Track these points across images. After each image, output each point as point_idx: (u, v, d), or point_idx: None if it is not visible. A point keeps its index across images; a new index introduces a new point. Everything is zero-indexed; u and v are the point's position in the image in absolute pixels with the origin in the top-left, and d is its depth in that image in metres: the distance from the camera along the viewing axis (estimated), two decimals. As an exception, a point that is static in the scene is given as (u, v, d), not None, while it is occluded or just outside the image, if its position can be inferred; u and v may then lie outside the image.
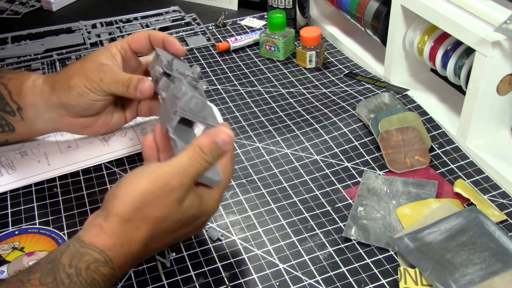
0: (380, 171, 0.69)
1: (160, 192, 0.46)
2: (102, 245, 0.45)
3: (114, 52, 0.66)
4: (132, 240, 0.46)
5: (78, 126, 0.67)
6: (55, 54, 0.98)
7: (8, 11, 1.18)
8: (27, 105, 0.65)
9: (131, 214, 0.46)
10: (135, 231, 0.46)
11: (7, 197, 0.67)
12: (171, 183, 0.46)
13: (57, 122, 0.66)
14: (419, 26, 0.78)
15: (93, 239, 0.45)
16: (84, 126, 0.67)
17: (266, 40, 0.94)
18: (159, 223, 0.47)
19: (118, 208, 0.46)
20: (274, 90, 0.87)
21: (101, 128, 0.69)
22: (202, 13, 1.13)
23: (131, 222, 0.46)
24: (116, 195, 0.47)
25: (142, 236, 0.47)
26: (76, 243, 0.45)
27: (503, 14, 0.64)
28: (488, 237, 0.57)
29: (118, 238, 0.46)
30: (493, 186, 0.66)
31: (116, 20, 1.10)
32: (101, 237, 0.45)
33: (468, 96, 0.69)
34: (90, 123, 0.67)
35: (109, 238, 0.45)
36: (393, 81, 0.86)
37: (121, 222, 0.46)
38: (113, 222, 0.46)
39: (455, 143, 0.73)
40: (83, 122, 0.66)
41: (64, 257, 0.44)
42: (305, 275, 0.56)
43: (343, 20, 1.03)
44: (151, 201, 0.46)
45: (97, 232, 0.46)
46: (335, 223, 0.62)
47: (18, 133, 0.67)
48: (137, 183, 0.47)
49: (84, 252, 0.45)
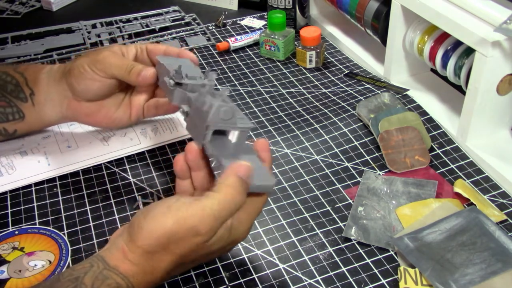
0: (380, 171, 0.69)
1: (185, 234, 0.45)
2: (125, 271, 0.45)
3: (130, 48, 0.67)
4: (156, 269, 0.46)
5: (81, 113, 0.67)
6: (55, 54, 0.98)
7: (8, 11, 1.18)
8: (40, 90, 0.66)
9: (154, 248, 0.45)
10: (159, 262, 0.46)
11: (7, 197, 0.67)
12: (198, 228, 0.45)
13: (63, 106, 0.67)
14: (419, 26, 0.78)
15: (117, 262, 0.45)
16: (87, 113, 0.67)
17: (266, 40, 0.94)
18: (185, 258, 0.47)
19: (142, 241, 0.45)
20: (274, 90, 0.87)
21: (103, 119, 0.68)
22: (202, 13, 1.13)
23: (155, 256, 0.45)
24: (141, 226, 0.45)
25: (165, 266, 0.46)
26: (100, 264, 0.45)
27: (503, 14, 0.64)
28: (488, 237, 0.57)
29: (141, 268, 0.45)
30: (493, 186, 0.66)
31: (116, 20, 1.10)
32: (125, 263, 0.45)
33: (468, 96, 0.69)
34: (91, 111, 0.67)
35: (132, 266, 0.45)
36: (393, 81, 0.86)
37: (144, 255, 0.45)
38: (136, 253, 0.45)
39: (455, 143, 0.73)
40: (86, 108, 0.66)
41: (87, 277, 0.44)
42: (305, 275, 0.56)
43: (343, 20, 1.03)
44: (176, 241, 0.45)
45: (121, 257, 0.45)
46: (335, 223, 0.62)
47: (27, 121, 0.67)
48: (163, 220, 0.45)
49: (107, 275, 0.44)
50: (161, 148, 0.74)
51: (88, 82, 0.64)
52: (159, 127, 0.76)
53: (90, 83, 0.64)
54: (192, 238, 0.45)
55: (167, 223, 0.45)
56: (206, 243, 0.46)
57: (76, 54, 0.98)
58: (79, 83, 0.64)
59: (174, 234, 0.45)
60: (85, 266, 0.45)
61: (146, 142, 0.74)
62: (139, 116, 0.70)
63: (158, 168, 0.71)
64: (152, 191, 0.67)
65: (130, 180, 0.69)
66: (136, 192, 0.67)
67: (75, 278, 0.44)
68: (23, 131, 0.70)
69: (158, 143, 0.74)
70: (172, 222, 0.45)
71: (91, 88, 0.64)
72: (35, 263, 0.58)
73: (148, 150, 0.74)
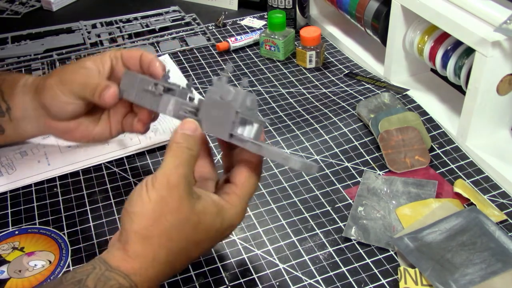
0: (380, 171, 0.69)
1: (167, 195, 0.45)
2: (127, 270, 0.45)
3: (104, 59, 0.63)
4: (155, 260, 0.46)
5: (57, 130, 0.65)
6: (55, 54, 0.98)
7: (8, 11, 1.18)
8: (16, 105, 0.64)
9: (150, 230, 0.45)
10: (158, 250, 0.46)
11: (7, 197, 0.67)
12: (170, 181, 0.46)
13: (40, 124, 0.65)
14: (419, 26, 0.78)
15: (119, 263, 0.45)
16: (64, 131, 0.65)
17: (266, 40, 0.94)
18: (180, 233, 0.46)
19: (136, 226, 0.45)
20: (274, 90, 0.87)
21: (82, 137, 0.66)
22: (202, 13, 1.13)
23: (152, 240, 0.45)
24: (130, 212, 0.46)
25: (166, 254, 0.46)
26: (102, 266, 0.45)
27: (503, 14, 0.64)
28: (488, 237, 0.57)
29: (142, 260, 0.45)
30: (493, 186, 0.66)
31: (116, 20, 1.10)
32: (126, 261, 0.45)
33: (468, 96, 0.69)
34: (69, 129, 0.65)
35: (133, 261, 0.45)
36: (393, 81, 0.86)
37: (142, 240, 0.45)
38: (134, 243, 0.45)
39: (455, 143, 0.73)
40: (62, 127, 0.64)
41: (89, 279, 0.44)
42: (305, 275, 0.56)
43: (343, 20, 1.03)
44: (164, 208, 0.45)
45: (122, 256, 0.45)
46: (335, 223, 0.62)
47: (7, 134, 0.66)
48: (146, 196, 0.46)
49: (109, 276, 0.44)
50: (161, 148, 0.74)
51: (60, 104, 0.61)
52: (159, 127, 0.76)
53: (62, 105, 0.62)
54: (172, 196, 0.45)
55: (151, 196, 0.45)
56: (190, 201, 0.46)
57: (76, 55, 0.98)
58: (50, 105, 0.62)
59: (159, 201, 0.45)
60: (88, 269, 0.45)
61: (146, 142, 0.74)
62: (119, 132, 0.67)
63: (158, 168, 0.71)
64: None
65: (130, 180, 0.69)
66: (136, 192, 0.67)
67: (78, 280, 0.44)
68: (3, 143, 0.69)
69: (158, 143, 0.74)
70: (154, 194, 0.45)
71: (65, 110, 0.62)
72: (35, 263, 0.58)
73: (148, 150, 0.74)
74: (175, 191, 0.46)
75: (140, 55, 0.63)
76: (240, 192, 0.50)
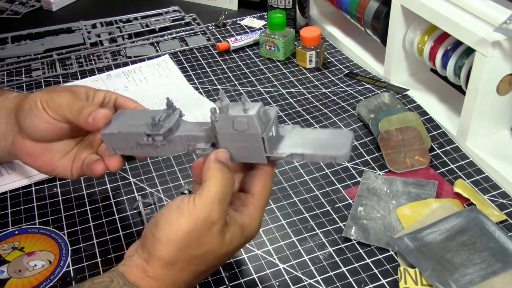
0: (380, 171, 0.69)
1: (202, 228, 0.45)
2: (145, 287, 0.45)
3: (99, 92, 0.60)
4: (176, 281, 0.46)
5: (23, 151, 0.60)
6: (55, 54, 0.98)
7: (8, 11, 1.18)
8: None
9: (175, 257, 0.45)
10: (180, 273, 0.45)
11: (7, 197, 0.67)
12: (211, 216, 0.45)
13: (8, 140, 0.60)
14: (419, 26, 0.78)
15: (137, 279, 0.45)
16: (29, 154, 0.60)
17: (266, 40, 0.94)
18: (204, 261, 0.46)
19: (162, 252, 0.44)
20: (274, 90, 0.87)
21: (44, 164, 0.60)
22: (202, 13, 1.13)
23: (176, 265, 0.45)
24: (157, 237, 0.45)
25: (186, 277, 0.46)
26: (120, 280, 0.45)
27: (503, 14, 0.64)
28: (488, 237, 0.57)
29: (162, 282, 0.45)
30: (493, 186, 0.66)
31: (116, 20, 1.10)
32: (145, 280, 0.45)
33: (468, 96, 0.69)
34: (35, 152, 0.60)
35: (151, 280, 0.45)
36: (393, 81, 0.86)
37: (165, 266, 0.45)
38: (157, 266, 0.45)
39: (455, 143, 0.73)
40: (29, 148, 0.59)
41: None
42: (305, 275, 0.56)
43: (343, 20, 1.03)
44: (195, 240, 0.45)
45: (141, 274, 0.45)
46: (335, 223, 0.62)
47: None
48: (177, 223, 0.44)
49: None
50: (161, 148, 0.74)
51: (35, 120, 0.56)
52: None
53: (38, 122, 0.56)
54: (208, 231, 0.45)
55: (183, 225, 0.44)
56: (223, 237, 0.46)
57: (76, 55, 0.98)
58: (25, 119, 0.57)
59: (191, 232, 0.44)
60: (105, 281, 0.44)
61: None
62: (79, 173, 0.61)
63: (158, 168, 0.71)
64: (152, 191, 0.67)
65: (130, 180, 0.69)
66: (136, 192, 0.67)
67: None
68: None
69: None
70: (187, 222, 0.44)
71: (38, 128, 0.57)
72: (35, 263, 0.58)
73: (148, 150, 0.73)
74: (213, 228, 0.45)
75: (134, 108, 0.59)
76: (258, 202, 0.49)
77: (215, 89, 0.87)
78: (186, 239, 0.44)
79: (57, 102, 0.55)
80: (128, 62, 0.96)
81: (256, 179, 0.49)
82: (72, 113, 0.55)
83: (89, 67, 0.94)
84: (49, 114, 0.56)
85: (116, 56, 0.98)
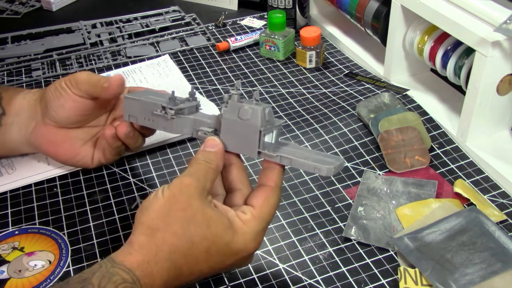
0: (380, 171, 0.69)
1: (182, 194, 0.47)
2: (130, 264, 0.45)
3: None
4: (158, 255, 0.46)
5: (46, 139, 0.65)
6: (55, 54, 0.98)
7: (8, 11, 1.18)
8: (11, 111, 0.65)
9: (156, 222, 0.46)
10: (162, 244, 0.46)
11: (7, 197, 0.67)
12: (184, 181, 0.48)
13: (28, 129, 0.65)
14: (419, 26, 0.78)
15: (123, 257, 0.46)
16: (52, 141, 0.65)
17: (266, 40, 0.94)
18: (184, 229, 0.46)
19: (144, 217, 0.47)
20: (274, 90, 0.87)
21: (66, 151, 0.66)
22: (202, 13, 1.13)
23: (157, 232, 0.46)
24: (142, 206, 0.48)
25: (168, 251, 0.46)
26: (108, 263, 0.46)
27: (503, 14, 0.64)
28: (488, 237, 0.57)
29: (145, 253, 0.46)
30: (493, 186, 0.66)
31: (116, 20, 1.10)
32: (131, 254, 0.46)
33: (468, 96, 0.69)
34: (57, 139, 0.65)
35: (137, 254, 0.46)
36: (393, 81, 0.86)
37: (147, 231, 0.46)
38: (140, 234, 0.46)
39: (455, 143, 0.73)
40: (52, 135, 0.65)
41: (95, 277, 0.44)
42: (305, 275, 0.56)
43: (343, 20, 1.03)
44: (175, 202, 0.47)
45: (128, 249, 0.46)
46: (335, 223, 0.62)
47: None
48: (160, 193, 0.48)
49: (113, 272, 0.45)
50: (161, 148, 0.74)
51: (61, 100, 0.62)
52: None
53: (63, 100, 0.62)
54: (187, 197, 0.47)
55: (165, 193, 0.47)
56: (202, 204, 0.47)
57: (76, 55, 0.98)
58: (51, 99, 0.63)
59: (171, 198, 0.47)
60: (94, 268, 0.45)
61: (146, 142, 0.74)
62: (100, 161, 0.68)
63: (158, 168, 0.71)
64: (152, 191, 0.67)
65: (130, 180, 0.69)
66: (136, 192, 0.67)
67: (83, 279, 0.44)
68: None
69: (159, 142, 0.74)
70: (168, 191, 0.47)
71: (64, 106, 0.63)
72: (35, 263, 0.58)
73: (148, 150, 0.74)
74: (186, 190, 0.47)
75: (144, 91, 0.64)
76: (257, 214, 0.49)
77: (215, 89, 0.87)
78: (166, 204, 0.47)
79: (78, 79, 0.62)
80: (128, 62, 0.96)
81: (259, 192, 0.51)
82: (91, 85, 0.62)
83: (89, 67, 0.94)
84: (73, 92, 0.62)
85: (116, 56, 0.98)
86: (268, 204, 0.50)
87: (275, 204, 0.51)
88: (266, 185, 0.51)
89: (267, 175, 0.51)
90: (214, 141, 0.52)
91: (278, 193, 0.51)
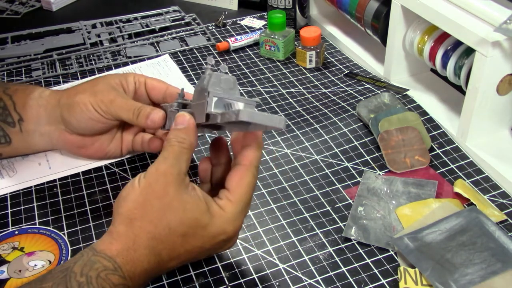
0: (380, 171, 0.69)
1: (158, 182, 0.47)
2: (111, 252, 0.46)
3: (129, 80, 0.65)
4: (136, 242, 0.46)
5: (73, 145, 0.67)
6: (55, 54, 0.98)
7: (8, 11, 1.18)
8: (29, 117, 0.65)
9: (134, 212, 0.47)
10: (139, 232, 0.47)
11: (7, 197, 0.67)
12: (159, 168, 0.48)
13: (53, 136, 0.66)
14: (419, 26, 0.78)
15: (104, 246, 0.46)
16: (79, 146, 0.67)
17: (266, 40, 0.94)
18: (161, 217, 0.47)
19: (122, 208, 0.48)
20: (274, 90, 0.87)
21: (96, 152, 0.68)
22: (202, 13, 1.13)
23: (135, 222, 0.47)
24: (119, 197, 0.49)
25: (146, 238, 0.47)
26: (89, 252, 0.46)
27: (503, 14, 0.64)
28: (488, 237, 0.57)
29: (124, 241, 0.46)
30: (493, 186, 0.66)
31: (116, 20, 1.10)
32: (111, 243, 0.46)
33: (468, 96, 0.69)
34: (85, 144, 0.66)
35: (116, 242, 0.46)
36: (393, 81, 0.86)
37: (125, 221, 0.47)
38: (118, 224, 0.47)
39: (455, 143, 0.73)
40: (79, 141, 0.66)
41: (76, 266, 0.45)
42: (305, 275, 0.56)
43: (343, 20, 1.03)
44: (151, 192, 0.47)
45: (108, 239, 0.47)
46: (335, 223, 0.62)
47: (13, 146, 0.67)
48: (137, 183, 0.48)
49: (95, 260, 0.45)
50: (161, 148, 0.74)
51: (90, 122, 0.63)
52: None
53: (94, 123, 0.63)
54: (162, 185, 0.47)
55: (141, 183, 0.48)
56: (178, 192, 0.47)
57: (76, 55, 0.98)
58: (80, 121, 0.63)
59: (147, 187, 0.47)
60: (76, 257, 0.46)
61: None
62: (129, 150, 0.70)
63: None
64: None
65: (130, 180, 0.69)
66: (136, 192, 0.67)
67: (66, 268, 0.45)
68: (8, 155, 0.70)
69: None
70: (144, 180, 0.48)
71: (94, 128, 0.64)
72: (35, 263, 0.58)
73: (148, 150, 0.74)
74: (162, 178, 0.47)
75: (165, 89, 0.65)
76: (233, 197, 0.49)
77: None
78: (142, 193, 0.47)
79: (112, 105, 0.61)
80: (128, 62, 0.96)
81: (232, 174, 0.50)
82: (130, 115, 0.61)
83: (89, 67, 0.94)
84: (103, 116, 0.62)
85: (116, 56, 0.98)
86: (242, 184, 0.50)
87: (251, 183, 0.50)
88: (240, 164, 0.50)
89: (242, 153, 0.50)
90: (184, 116, 0.51)
91: (253, 171, 0.50)
